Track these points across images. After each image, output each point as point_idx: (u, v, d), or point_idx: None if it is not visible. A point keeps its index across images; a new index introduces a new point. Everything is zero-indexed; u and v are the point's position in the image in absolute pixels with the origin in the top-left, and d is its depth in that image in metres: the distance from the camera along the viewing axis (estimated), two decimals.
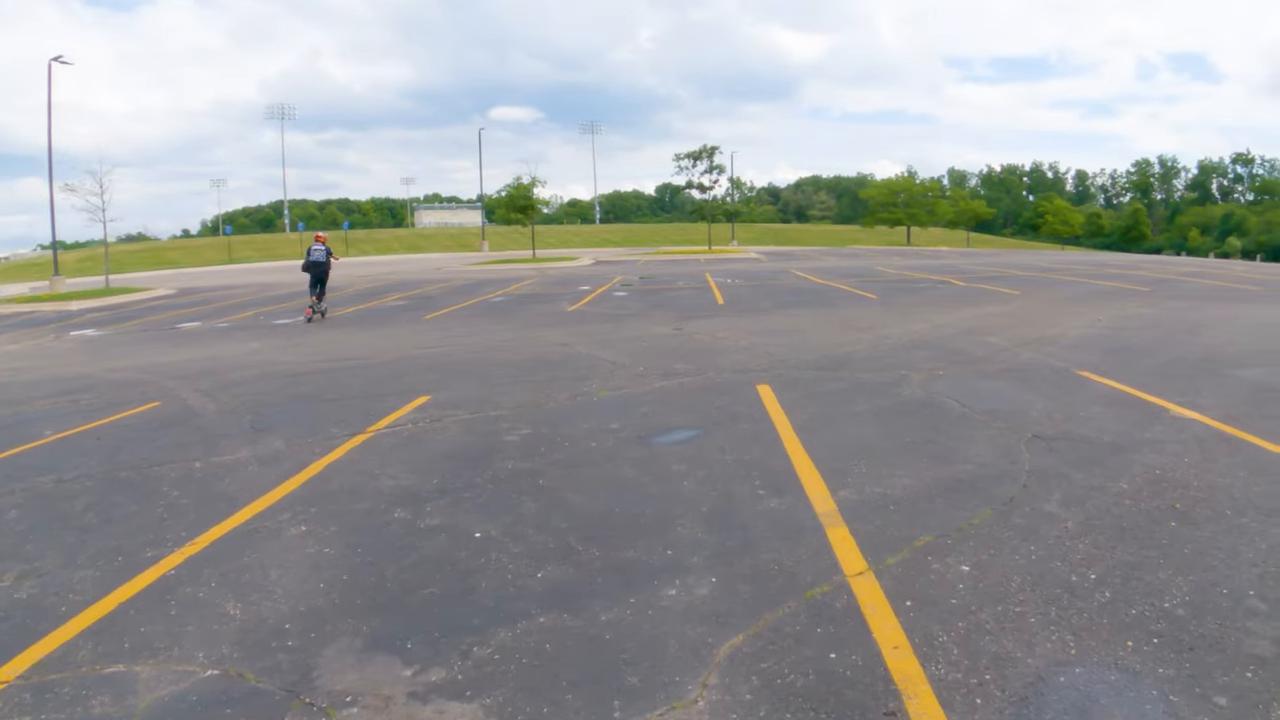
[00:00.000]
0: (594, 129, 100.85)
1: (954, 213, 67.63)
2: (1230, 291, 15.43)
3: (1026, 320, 10.24)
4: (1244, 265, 31.71)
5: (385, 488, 3.96)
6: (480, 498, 3.78)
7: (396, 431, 5.07)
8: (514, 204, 35.04)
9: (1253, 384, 6.22)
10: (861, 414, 5.25)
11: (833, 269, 23.23)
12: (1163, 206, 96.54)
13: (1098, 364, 7.00)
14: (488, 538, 3.28)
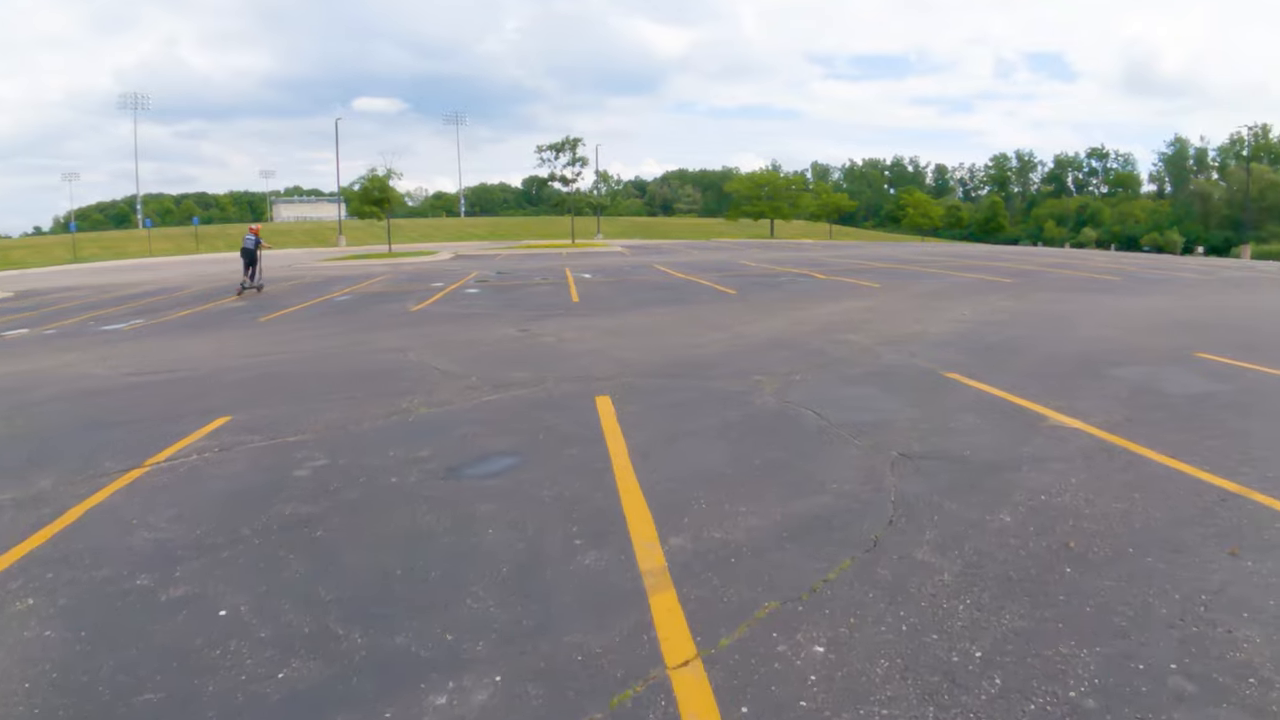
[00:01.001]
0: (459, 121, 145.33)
1: (817, 206, 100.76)
2: (1094, 283, 20.79)
3: (889, 316, 13.75)
4: (1104, 255, 43.42)
5: (138, 544, 4.80)
6: (242, 557, 4.54)
7: (176, 466, 6.30)
8: (368, 197, 47.57)
9: (1132, 384, 8.21)
10: (708, 431, 6.69)
11: (695, 263, 31.87)
12: (1020, 199, 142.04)
13: (966, 364, 9.34)
14: (235, 616, 3.87)
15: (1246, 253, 61.89)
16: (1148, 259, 40.61)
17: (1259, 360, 9.54)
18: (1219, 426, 6.65)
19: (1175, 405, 7.39)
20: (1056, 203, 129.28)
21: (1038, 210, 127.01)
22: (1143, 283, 21.20)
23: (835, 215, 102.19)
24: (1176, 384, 8.27)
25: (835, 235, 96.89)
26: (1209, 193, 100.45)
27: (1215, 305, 16.09)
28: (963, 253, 40.88)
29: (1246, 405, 7.37)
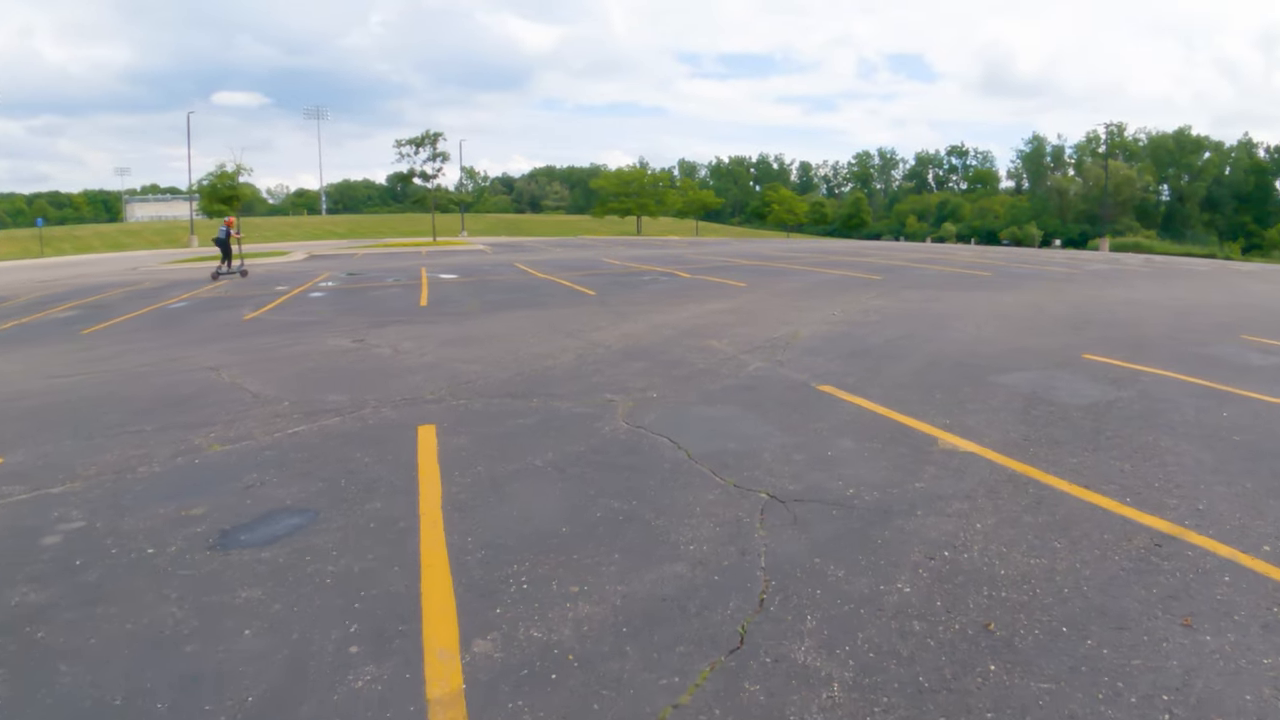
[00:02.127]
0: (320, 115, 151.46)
1: (683, 202, 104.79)
2: (964, 278, 21.08)
3: (756, 318, 13.35)
4: (969, 249, 45.22)
5: None
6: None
7: None
8: (217, 194, 47.07)
9: (1023, 394, 7.74)
10: (544, 470, 5.84)
11: (557, 261, 32.24)
12: (882, 195, 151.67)
13: (841, 374, 8.79)
14: None
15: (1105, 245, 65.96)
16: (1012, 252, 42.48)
17: (1149, 361, 9.31)
18: (1128, 444, 6.14)
19: (1075, 419, 6.88)
20: (918, 199, 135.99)
21: (900, 206, 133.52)
22: (1014, 277, 21.63)
23: (701, 212, 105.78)
24: (1071, 392, 7.83)
25: (702, 232, 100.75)
26: (1065, 188, 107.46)
27: (1090, 300, 16.32)
28: (828, 248, 41.85)
29: (1151, 416, 6.95)
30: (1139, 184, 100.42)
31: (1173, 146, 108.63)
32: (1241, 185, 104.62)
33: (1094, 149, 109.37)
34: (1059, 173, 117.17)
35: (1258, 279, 23.83)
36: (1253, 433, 6.48)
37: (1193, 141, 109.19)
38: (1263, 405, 7.38)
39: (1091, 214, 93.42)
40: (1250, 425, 6.70)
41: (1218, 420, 6.84)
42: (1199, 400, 7.54)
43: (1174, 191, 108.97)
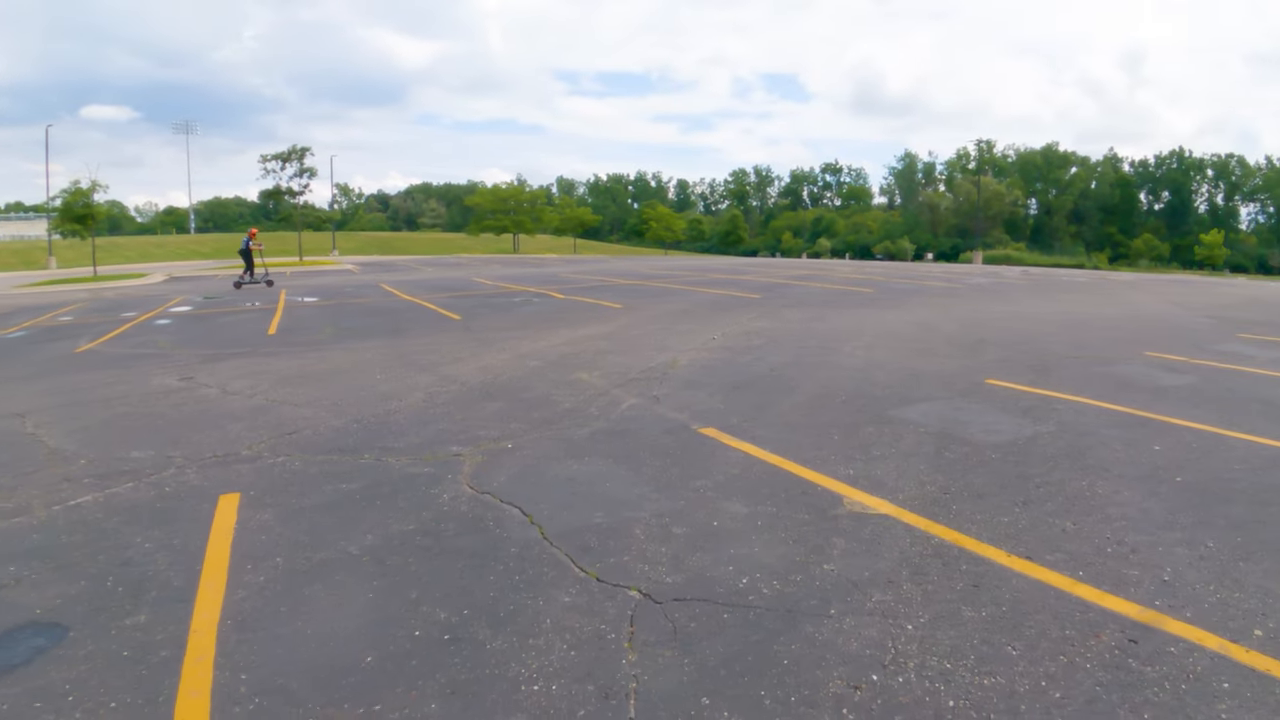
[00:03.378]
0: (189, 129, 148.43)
1: (560, 220, 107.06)
2: (846, 295, 20.89)
3: (631, 344, 12.54)
4: (847, 265, 46.06)
5: None
6: None
7: None
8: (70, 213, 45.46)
9: (933, 433, 7.05)
10: (357, 562, 4.75)
11: (426, 282, 31.89)
12: (758, 212, 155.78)
13: (725, 411, 7.92)
14: None
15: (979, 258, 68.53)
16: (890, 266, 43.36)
17: (1058, 385, 8.84)
18: (1062, 493, 5.44)
19: (996, 463, 6.17)
20: (793, 215, 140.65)
21: (776, 223, 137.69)
22: (896, 293, 21.55)
23: (579, 229, 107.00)
24: (984, 428, 7.18)
25: (580, 249, 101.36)
26: (937, 203, 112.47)
27: (979, 316, 16.16)
28: (706, 266, 41.87)
29: (1078, 455, 6.31)
30: (1009, 198, 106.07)
31: (1041, 162, 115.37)
32: (1107, 198, 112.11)
33: (964, 165, 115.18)
34: (930, 188, 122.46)
35: (1139, 289, 24.58)
36: (1193, 470, 5.90)
37: (1060, 157, 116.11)
38: (1192, 435, 6.88)
39: (962, 228, 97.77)
40: (1187, 461, 6.13)
41: (1151, 456, 6.25)
42: (1124, 431, 6.99)
43: (1042, 205, 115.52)
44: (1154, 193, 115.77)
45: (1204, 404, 8.11)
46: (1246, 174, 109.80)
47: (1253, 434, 6.95)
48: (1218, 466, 6.03)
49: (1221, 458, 6.26)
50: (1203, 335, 13.73)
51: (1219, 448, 6.54)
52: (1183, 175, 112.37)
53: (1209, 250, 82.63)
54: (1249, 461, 6.17)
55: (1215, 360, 10.86)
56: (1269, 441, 6.73)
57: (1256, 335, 13.92)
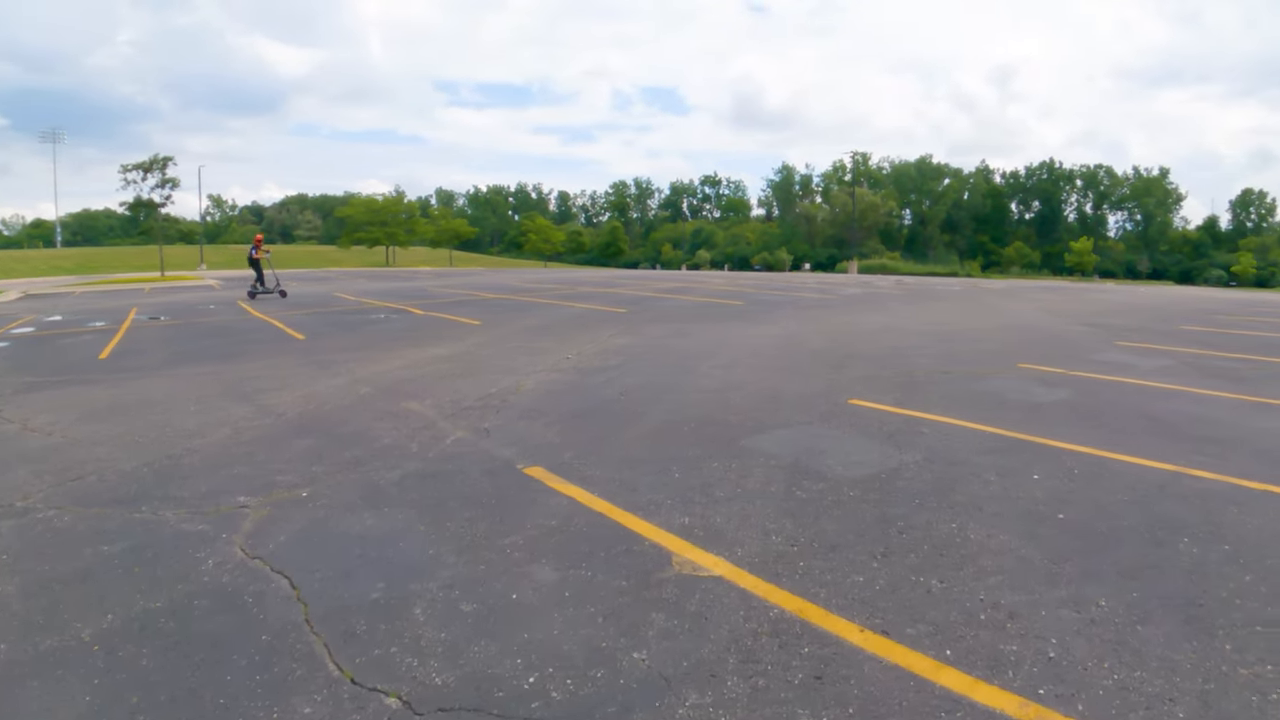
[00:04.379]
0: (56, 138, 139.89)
1: (435, 232, 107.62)
2: (714, 308, 20.38)
3: (479, 366, 11.76)
4: (721, 276, 46.01)
5: None
6: None
7: None
8: None
9: (785, 465, 6.33)
10: (86, 650, 3.93)
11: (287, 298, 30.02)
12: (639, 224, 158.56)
13: (559, 446, 7.19)
14: None
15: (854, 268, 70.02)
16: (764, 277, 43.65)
17: (925, 404, 8.32)
18: (928, 541, 4.77)
19: (853, 503, 5.47)
20: (673, 227, 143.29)
21: (656, 234, 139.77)
22: (766, 306, 21.22)
23: (455, 241, 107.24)
24: (842, 458, 6.50)
25: (456, 262, 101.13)
26: (814, 215, 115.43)
27: (848, 329, 15.78)
28: (580, 279, 41.18)
29: (946, 489, 5.68)
30: (884, 209, 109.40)
31: (915, 174, 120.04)
32: (980, 208, 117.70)
33: (841, 177, 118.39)
34: (807, 200, 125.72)
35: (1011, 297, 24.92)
36: (1076, 504, 5.32)
37: (933, 169, 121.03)
38: (1073, 459, 6.35)
39: (839, 238, 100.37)
40: (1069, 493, 5.55)
41: (1029, 488, 5.66)
42: (998, 458, 6.41)
43: (916, 215, 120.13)
44: (1025, 202, 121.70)
45: (1083, 422, 7.67)
46: (1114, 183, 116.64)
47: (1138, 455, 6.49)
48: (1103, 498, 5.47)
49: (1106, 486, 5.71)
50: (1078, 344, 13.63)
51: (1103, 474, 6.02)
52: (1053, 185, 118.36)
53: (1079, 257, 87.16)
54: (1136, 489, 5.64)
55: (1093, 371, 10.60)
56: (1156, 464, 6.26)
57: (1134, 343, 13.92)
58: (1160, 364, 11.46)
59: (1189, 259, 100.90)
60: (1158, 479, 5.90)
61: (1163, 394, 9.19)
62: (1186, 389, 9.50)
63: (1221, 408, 8.54)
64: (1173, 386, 9.64)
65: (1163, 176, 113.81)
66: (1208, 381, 10.06)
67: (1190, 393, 9.29)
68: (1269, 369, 11.40)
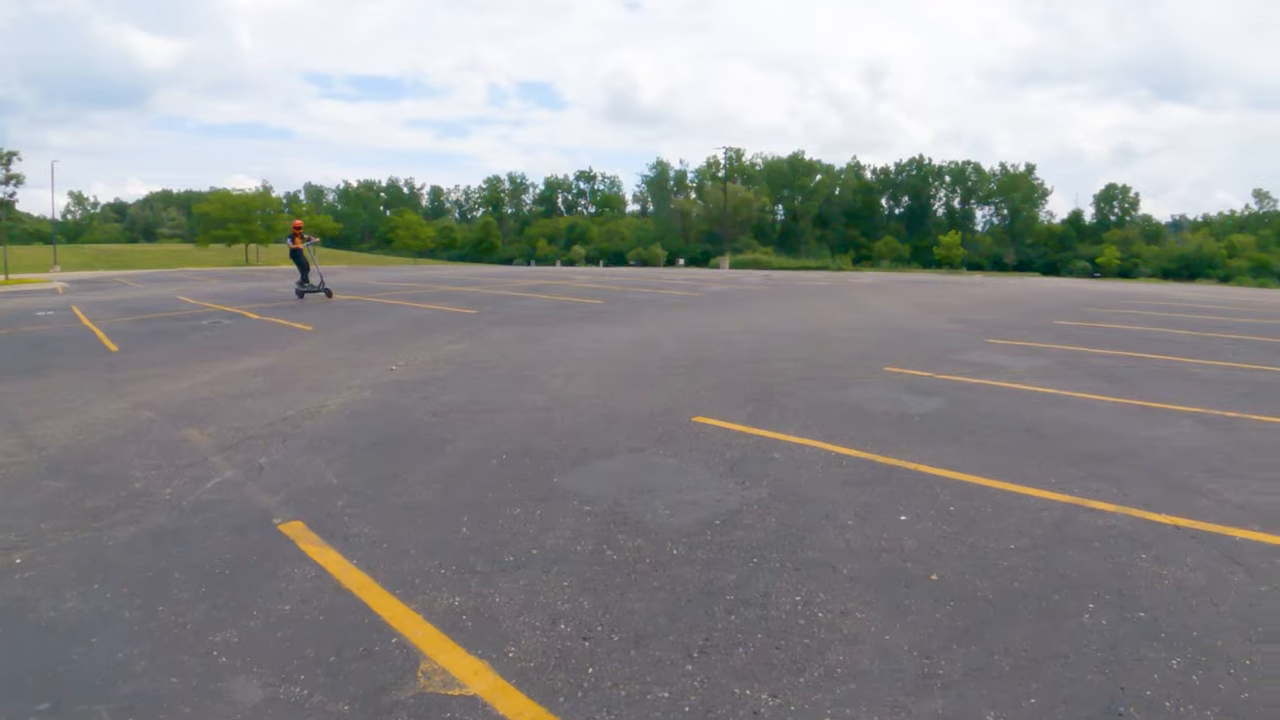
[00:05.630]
0: None
1: None
2: (570, 309, 19.26)
3: (289, 380, 10.54)
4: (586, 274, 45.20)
5: None
6: None
7: None
8: None
9: (600, 513, 5.19)
10: None
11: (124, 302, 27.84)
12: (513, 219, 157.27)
13: (335, 490, 5.95)
14: None
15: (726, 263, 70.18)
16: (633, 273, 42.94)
17: (781, 420, 7.36)
18: (763, 625, 3.70)
19: (673, 566, 4.37)
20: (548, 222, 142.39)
21: (530, 230, 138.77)
22: (627, 305, 20.22)
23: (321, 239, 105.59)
24: (672, 500, 5.41)
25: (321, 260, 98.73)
26: (688, 210, 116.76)
27: (709, 330, 14.85)
28: (442, 276, 39.60)
29: (791, 541, 4.64)
30: (756, 204, 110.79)
31: (787, 170, 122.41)
32: (851, 203, 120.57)
33: (714, 173, 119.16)
34: (682, 196, 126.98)
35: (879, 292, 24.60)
36: (955, 559, 4.34)
37: (805, 165, 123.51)
38: (947, 490, 5.41)
39: (713, 233, 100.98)
40: (946, 542, 4.57)
41: (896, 535, 4.66)
42: (859, 492, 5.41)
43: (789, 210, 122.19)
44: (895, 198, 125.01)
45: (959, 439, 6.80)
46: (981, 179, 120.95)
47: (1024, 482, 5.61)
48: (987, 546, 4.50)
49: (990, 529, 4.76)
50: (949, 343, 13.00)
51: (985, 509, 5.09)
52: (922, 181, 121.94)
53: (947, 250, 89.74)
54: (1026, 532, 4.71)
55: (966, 374, 9.87)
56: (1046, 494, 5.39)
57: (1006, 340, 13.39)
58: (1035, 364, 10.85)
59: (1054, 251, 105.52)
60: (1051, 515, 5.01)
61: (1043, 400, 8.48)
62: (1067, 393, 8.83)
63: (1106, 415, 7.87)
64: (1052, 390, 8.95)
65: (1029, 172, 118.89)
66: (1087, 383, 9.44)
67: (1071, 398, 8.61)
68: (1144, 366, 10.94)
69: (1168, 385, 9.59)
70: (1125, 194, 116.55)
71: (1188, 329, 16.67)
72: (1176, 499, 5.36)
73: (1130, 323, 17.59)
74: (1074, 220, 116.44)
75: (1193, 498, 5.41)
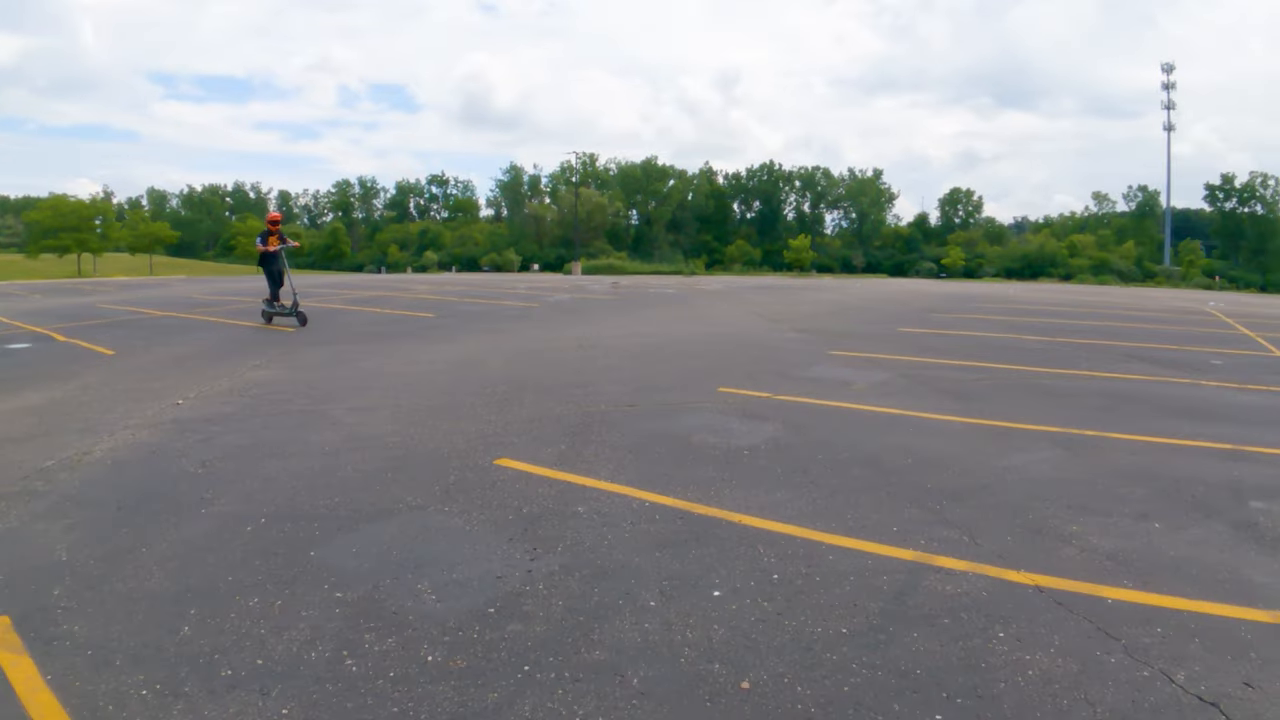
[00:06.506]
0: None
1: (133, 237, 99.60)
2: (399, 325, 18.07)
3: (62, 419, 9.07)
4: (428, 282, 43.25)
5: None
6: None
7: None
8: None
9: (354, 604, 4.19)
10: None
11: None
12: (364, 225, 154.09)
13: (57, 571, 4.84)
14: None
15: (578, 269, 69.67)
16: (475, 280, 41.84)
17: (595, 460, 6.53)
18: None
19: (427, 681, 3.44)
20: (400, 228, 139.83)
21: (381, 235, 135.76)
22: (460, 319, 19.13)
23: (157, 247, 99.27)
24: (444, 573, 4.49)
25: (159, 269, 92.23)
26: (542, 215, 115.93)
27: (539, 346, 13.97)
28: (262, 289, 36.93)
29: (580, 637, 3.78)
30: (610, 210, 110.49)
31: (640, 175, 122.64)
32: (703, 208, 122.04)
33: (568, 178, 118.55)
34: (536, 201, 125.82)
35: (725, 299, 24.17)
36: (775, 659, 3.54)
37: (659, 170, 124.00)
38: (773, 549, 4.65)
39: (567, 239, 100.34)
40: (765, 632, 3.77)
41: (705, 623, 3.84)
42: (670, 557, 4.59)
43: (643, 216, 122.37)
44: (746, 202, 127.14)
45: (789, 478, 6.08)
46: (830, 184, 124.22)
47: (862, 534, 4.92)
48: (813, 632, 3.73)
49: (817, 605, 4.00)
50: (791, 356, 12.47)
51: (814, 575, 4.34)
52: (773, 186, 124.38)
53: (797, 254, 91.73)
54: (862, 607, 3.96)
55: (805, 393, 9.26)
56: (886, 550, 4.71)
57: (848, 352, 12.97)
58: (878, 378, 10.36)
59: (901, 253, 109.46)
60: (892, 580, 4.29)
61: (884, 423, 7.91)
62: (913, 414, 8.30)
63: (956, 440, 7.35)
64: (897, 411, 8.41)
65: (876, 177, 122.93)
66: (935, 401, 8.97)
67: (918, 419, 8.09)
68: (992, 377, 10.63)
69: (1021, 401, 9.24)
70: (969, 197, 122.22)
71: (1036, 334, 16.74)
72: (1038, 548, 4.76)
73: (977, 329, 17.57)
74: (920, 223, 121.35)
75: (1056, 545, 4.82)
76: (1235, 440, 7.54)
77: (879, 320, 19.19)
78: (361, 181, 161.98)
